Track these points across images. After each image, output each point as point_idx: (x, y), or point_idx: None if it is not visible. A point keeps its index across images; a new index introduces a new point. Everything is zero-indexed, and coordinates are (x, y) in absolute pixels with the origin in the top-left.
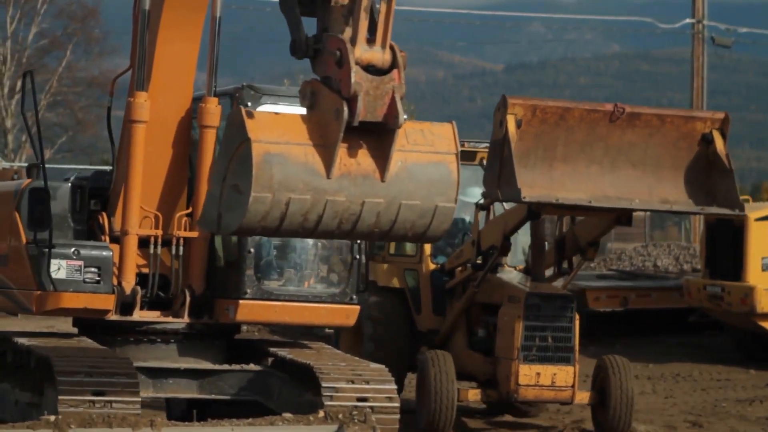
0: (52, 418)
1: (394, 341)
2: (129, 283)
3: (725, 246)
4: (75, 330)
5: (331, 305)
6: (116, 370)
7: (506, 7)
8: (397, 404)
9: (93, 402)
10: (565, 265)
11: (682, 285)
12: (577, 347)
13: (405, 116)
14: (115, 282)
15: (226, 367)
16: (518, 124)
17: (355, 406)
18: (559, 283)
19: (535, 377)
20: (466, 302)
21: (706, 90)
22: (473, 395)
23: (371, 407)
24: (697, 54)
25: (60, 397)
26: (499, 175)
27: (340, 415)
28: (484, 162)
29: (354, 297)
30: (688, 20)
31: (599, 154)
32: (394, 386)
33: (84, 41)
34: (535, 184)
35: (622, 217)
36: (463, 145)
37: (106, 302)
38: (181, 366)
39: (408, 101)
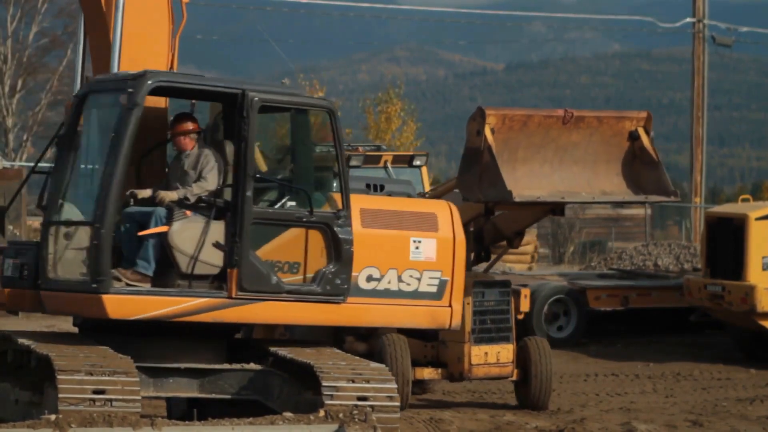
0: (53, 417)
1: (320, 333)
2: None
3: (726, 245)
4: (75, 330)
5: (77, 294)
6: (116, 369)
7: (507, 7)
8: (397, 403)
9: (93, 401)
10: (482, 254)
11: (682, 284)
12: (514, 327)
13: None
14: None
15: (226, 366)
16: (492, 132)
17: (356, 405)
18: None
19: (483, 356)
20: None
21: (707, 89)
22: (428, 373)
23: (371, 406)
24: (697, 53)
25: (60, 396)
26: (479, 178)
27: (341, 415)
28: (388, 165)
29: (97, 285)
30: (688, 19)
31: (551, 155)
32: (394, 385)
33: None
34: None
35: (557, 209)
36: (357, 150)
37: None
38: (182, 365)
39: (409, 100)
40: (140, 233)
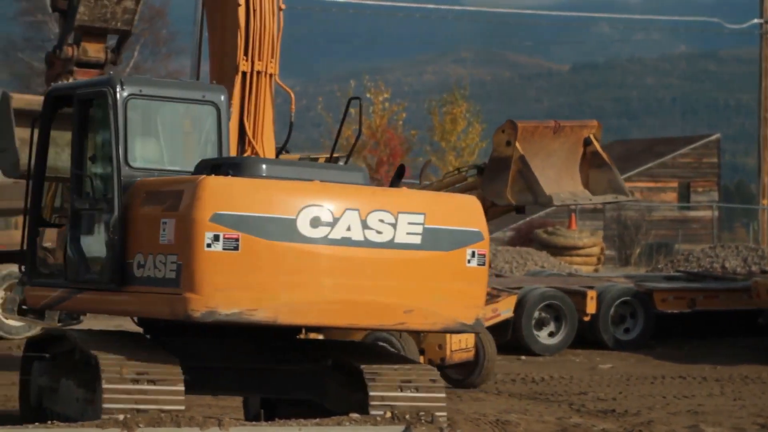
0: (121, 416)
1: None
2: None
3: None
4: (140, 330)
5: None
6: (159, 359)
7: (572, 8)
8: (445, 414)
9: (136, 380)
10: None
11: (750, 286)
12: None
13: None
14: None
15: (282, 366)
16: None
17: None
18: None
19: (458, 343)
20: None
21: None
22: None
23: None
24: (765, 54)
25: (105, 386)
26: (510, 185)
27: (407, 416)
28: None
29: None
30: (756, 20)
31: (538, 161)
32: (443, 394)
33: (151, 42)
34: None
35: (519, 207)
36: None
37: None
38: (237, 366)
39: (474, 102)
40: None
